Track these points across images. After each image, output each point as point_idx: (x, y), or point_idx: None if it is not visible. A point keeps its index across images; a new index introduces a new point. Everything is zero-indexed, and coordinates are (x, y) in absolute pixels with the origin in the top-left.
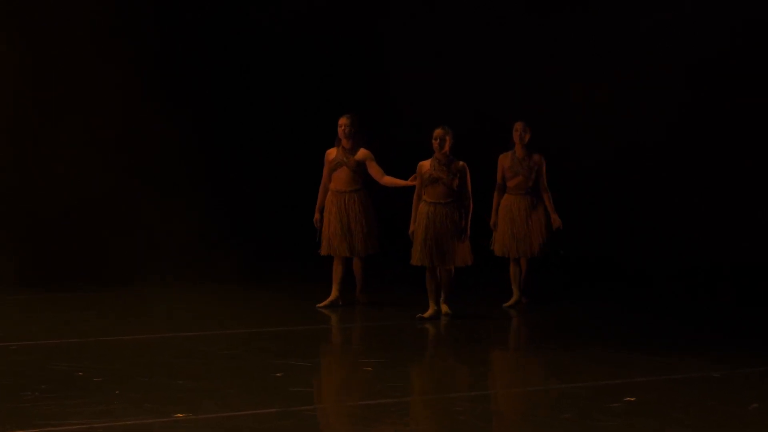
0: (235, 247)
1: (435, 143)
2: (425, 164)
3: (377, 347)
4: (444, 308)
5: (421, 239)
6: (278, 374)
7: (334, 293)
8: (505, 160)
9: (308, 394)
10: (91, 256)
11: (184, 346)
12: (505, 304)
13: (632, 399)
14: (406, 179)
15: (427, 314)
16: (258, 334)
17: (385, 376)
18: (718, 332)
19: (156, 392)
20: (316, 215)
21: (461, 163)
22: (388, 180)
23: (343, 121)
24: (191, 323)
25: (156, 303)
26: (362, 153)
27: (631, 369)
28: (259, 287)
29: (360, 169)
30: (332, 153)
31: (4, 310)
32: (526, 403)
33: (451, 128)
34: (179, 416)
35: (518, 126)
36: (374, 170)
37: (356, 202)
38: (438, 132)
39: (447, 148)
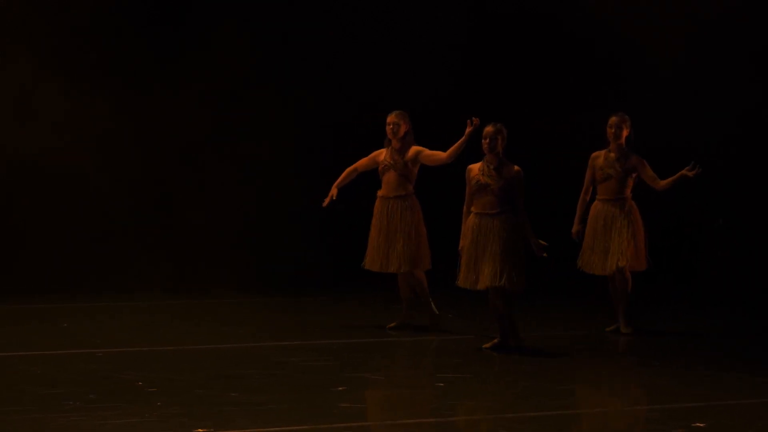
0: (309, 258)
1: (485, 143)
2: (474, 168)
3: (451, 363)
4: (515, 340)
5: (467, 257)
6: (340, 388)
7: (404, 312)
8: (597, 160)
9: (357, 411)
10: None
11: (261, 358)
12: (607, 329)
13: (701, 424)
14: None
15: (488, 345)
16: (338, 346)
17: (448, 394)
18: None
19: (201, 406)
20: (332, 190)
21: (515, 167)
22: (451, 152)
23: (390, 119)
24: (273, 333)
25: (241, 312)
26: (413, 151)
27: (718, 390)
28: (338, 297)
29: (409, 172)
30: (381, 154)
31: (115, 318)
32: (582, 425)
33: (504, 126)
34: (199, 431)
35: (612, 121)
36: (433, 158)
37: (401, 210)
38: (488, 130)
39: (499, 148)
